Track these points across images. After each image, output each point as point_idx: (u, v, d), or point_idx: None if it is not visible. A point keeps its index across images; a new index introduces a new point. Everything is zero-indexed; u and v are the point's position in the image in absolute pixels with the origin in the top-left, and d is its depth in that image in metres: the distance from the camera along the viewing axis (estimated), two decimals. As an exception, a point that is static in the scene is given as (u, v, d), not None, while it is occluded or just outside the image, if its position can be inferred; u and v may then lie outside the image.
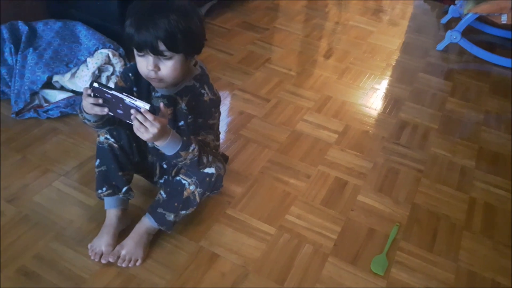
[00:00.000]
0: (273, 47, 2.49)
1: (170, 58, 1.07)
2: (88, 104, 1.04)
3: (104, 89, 0.99)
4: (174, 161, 1.13)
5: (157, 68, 1.08)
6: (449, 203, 1.58)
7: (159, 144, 1.06)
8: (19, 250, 1.24)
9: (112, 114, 1.03)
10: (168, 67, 1.08)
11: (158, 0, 1.06)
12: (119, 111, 1.00)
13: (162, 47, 1.04)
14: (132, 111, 0.98)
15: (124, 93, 0.98)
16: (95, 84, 1.00)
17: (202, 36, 1.12)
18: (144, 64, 1.08)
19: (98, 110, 1.04)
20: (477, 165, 1.78)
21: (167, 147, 1.07)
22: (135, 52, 1.09)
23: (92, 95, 1.02)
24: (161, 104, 1.01)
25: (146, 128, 0.99)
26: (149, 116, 0.97)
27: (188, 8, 1.07)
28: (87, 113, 1.10)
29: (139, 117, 0.98)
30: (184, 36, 1.04)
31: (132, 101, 0.97)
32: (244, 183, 1.56)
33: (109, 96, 0.99)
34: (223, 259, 1.29)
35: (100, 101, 1.02)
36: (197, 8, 1.11)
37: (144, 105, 0.96)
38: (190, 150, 1.10)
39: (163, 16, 1.01)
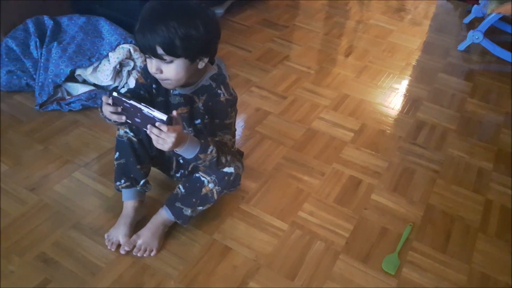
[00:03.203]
0: (292, 45, 2.49)
1: (171, 62, 1.07)
2: (107, 111, 1.06)
3: (123, 99, 1.01)
4: (194, 163, 1.15)
5: (159, 70, 1.09)
6: (464, 205, 1.57)
7: (178, 150, 1.07)
8: (39, 237, 1.29)
9: (130, 121, 1.05)
10: (170, 70, 1.09)
11: (164, 2, 1.05)
12: (137, 120, 1.02)
13: (160, 51, 1.04)
14: (148, 126, 1.00)
15: (142, 104, 0.99)
16: (114, 94, 1.02)
17: (207, 41, 1.10)
18: (150, 65, 1.10)
19: (116, 118, 1.05)
20: (494, 167, 1.75)
21: (186, 151, 1.09)
22: None
23: (111, 103, 1.04)
24: (174, 112, 1.02)
25: (163, 140, 1.01)
26: (164, 128, 0.98)
27: (193, 12, 1.05)
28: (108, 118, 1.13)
29: (155, 131, 0.99)
30: (183, 42, 1.04)
31: (150, 112, 0.98)
32: (259, 179, 1.58)
33: (127, 105, 1.01)
34: (235, 252, 1.32)
35: (119, 109, 1.04)
36: (208, 11, 1.09)
37: (161, 116, 0.97)
38: (209, 152, 1.11)
39: (162, 22, 1.02)
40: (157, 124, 0.99)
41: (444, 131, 1.93)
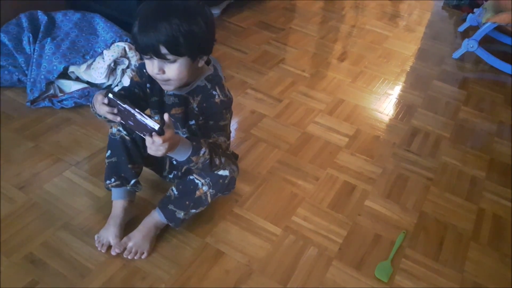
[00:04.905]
0: (287, 48, 2.49)
1: (174, 61, 1.06)
2: (102, 110, 1.04)
3: (118, 102, 1.00)
4: (186, 165, 1.13)
5: (162, 71, 1.07)
6: (457, 213, 1.57)
7: (170, 153, 1.05)
8: (27, 237, 1.26)
9: (123, 123, 1.04)
10: (173, 70, 1.07)
11: (163, 1, 1.04)
12: (130, 123, 1.01)
13: (164, 50, 1.02)
14: (146, 137, 0.99)
15: (136, 110, 0.98)
16: (110, 95, 1.00)
17: (208, 38, 1.09)
18: (150, 66, 1.08)
19: (111, 117, 1.04)
20: (487, 176, 1.76)
21: (178, 154, 1.07)
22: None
23: (107, 103, 1.02)
24: (166, 116, 1.00)
25: (156, 147, 0.99)
26: (157, 139, 0.97)
27: (193, 10, 1.04)
28: (99, 114, 1.11)
29: (148, 140, 0.98)
30: (187, 40, 1.02)
31: (143, 119, 0.97)
32: (253, 182, 1.56)
33: (122, 108, 1.00)
34: (228, 257, 1.30)
35: (115, 110, 1.02)
36: (206, 8, 1.09)
37: (153, 125, 0.96)
38: (201, 154, 1.09)
39: (164, 20, 1.00)
40: (148, 134, 0.98)
41: (438, 139, 1.94)
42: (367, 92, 2.19)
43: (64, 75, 1.78)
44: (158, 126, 0.96)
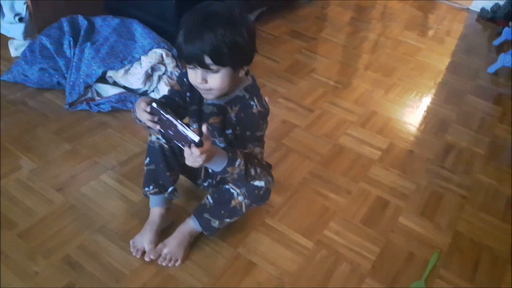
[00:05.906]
0: (319, 57, 2.48)
1: (217, 71, 1.06)
2: (143, 117, 1.06)
3: (161, 111, 1.01)
4: (221, 175, 1.14)
5: (204, 81, 1.08)
6: (493, 234, 1.54)
7: (206, 163, 1.06)
8: (64, 239, 1.29)
9: (163, 131, 1.05)
10: (215, 80, 1.08)
11: (208, 11, 1.05)
12: (170, 132, 1.03)
13: (208, 61, 1.03)
14: (181, 143, 1.01)
15: (178, 120, 0.99)
16: (154, 105, 1.02)
17: (250, 49, 1.10)
18: (193, 76, 1.09)
19: (151, 125, 1.06)
20: (524, 197, 1.72)
21: (214, 164, 1.08)
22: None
23: (149, 111, 1.05)
24: (204, 128, 1.01)
25: (194, 159, 1.00)
26: (195, 151, 0.98)
27: (237, 20, 1.05)
28: (140, 119, 1.13)
29: (187, 151, 1.00)
30: (231, 50, 1.03)
31: (184, 130, 0.98)
32: (284, 193, 1.56)
33: (164, 118, 1.02)
34: (260, 268, 1.30)
35: (156, 118, 1.05)
36: (249, 18, 1.09)
37: (193, 137, 0.97)
38: (236, 165, 1.10)
39: (209, 30, 1.01)
40: (187, 145, 0.99)
41: (473, 156, 1.90)
42: (400, 104, 2.17)
43: (102, 79, 1.82)
44: (198, 138, 0.97)
